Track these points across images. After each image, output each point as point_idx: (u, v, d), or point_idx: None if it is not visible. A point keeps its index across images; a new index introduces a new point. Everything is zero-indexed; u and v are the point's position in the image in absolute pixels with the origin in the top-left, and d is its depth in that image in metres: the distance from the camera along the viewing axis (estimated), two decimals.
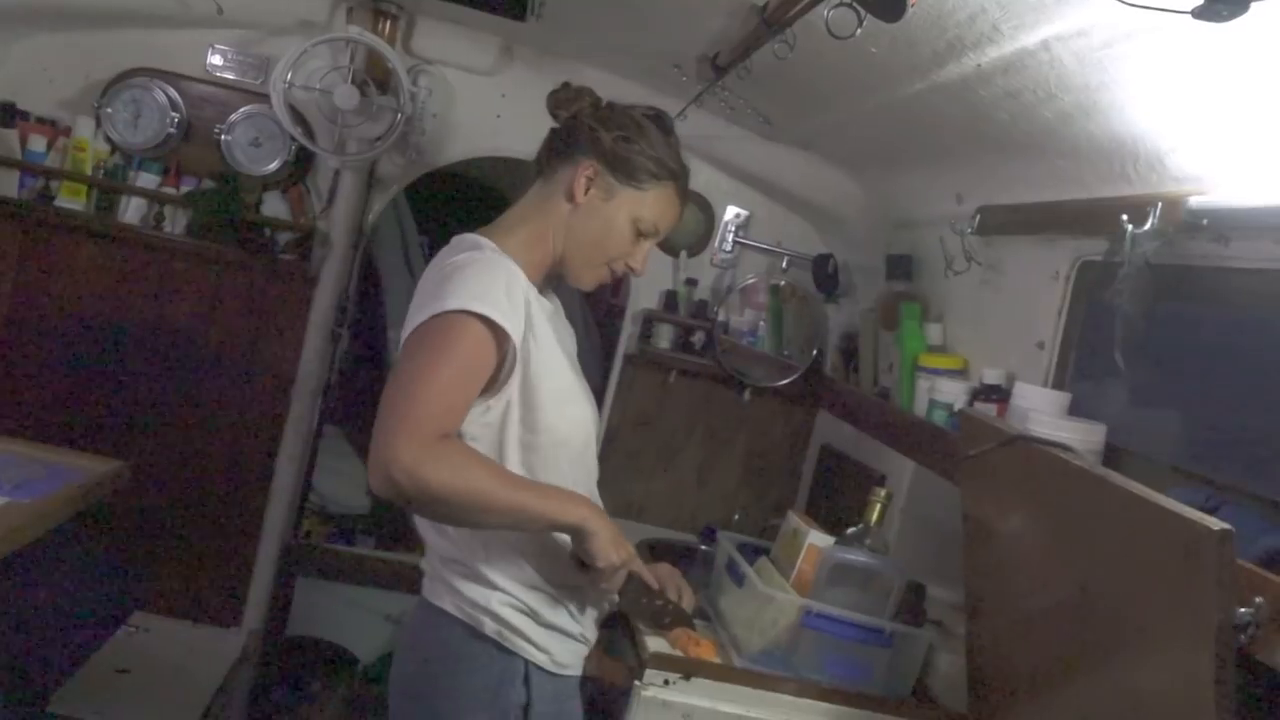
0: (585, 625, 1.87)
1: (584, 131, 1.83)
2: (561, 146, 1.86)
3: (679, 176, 1.87)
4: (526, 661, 1.78)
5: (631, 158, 1.81)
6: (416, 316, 1.62)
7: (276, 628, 3.61)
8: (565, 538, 1.73)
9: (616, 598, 1.81)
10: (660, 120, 1.89)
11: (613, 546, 1.68)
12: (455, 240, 1.82)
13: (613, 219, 1.82)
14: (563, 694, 1.86)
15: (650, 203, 1.83)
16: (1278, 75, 1.38)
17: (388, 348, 3.89)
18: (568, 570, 1.79)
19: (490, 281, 1.65)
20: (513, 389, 1.70)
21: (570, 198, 1.82)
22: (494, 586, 1.75)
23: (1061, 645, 1.65)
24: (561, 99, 1.89)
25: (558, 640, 1.82)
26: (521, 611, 1.76)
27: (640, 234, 1.84)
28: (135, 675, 2.98)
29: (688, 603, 1.97)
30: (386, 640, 4.07)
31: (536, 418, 1.74)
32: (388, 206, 3.61)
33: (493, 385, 1.68)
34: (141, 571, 3.05)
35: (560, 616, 1.81)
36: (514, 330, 1.64)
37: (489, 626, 1.75)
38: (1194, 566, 1.26)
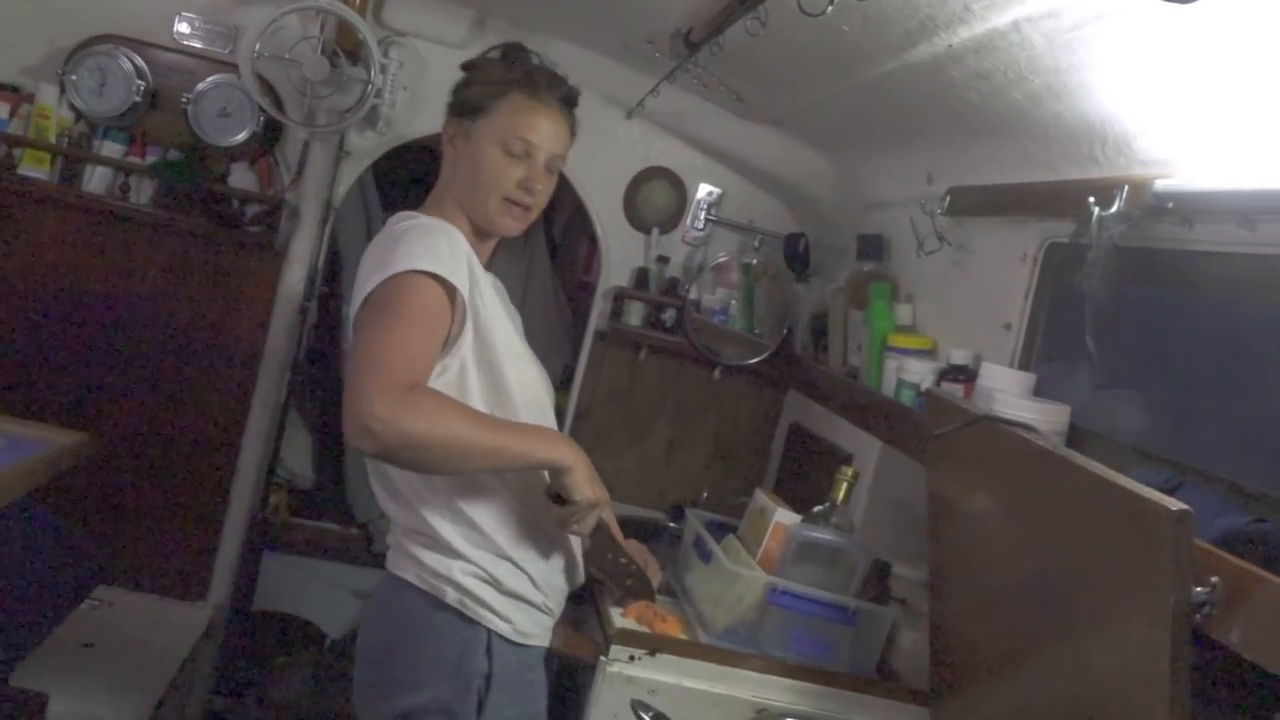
0: (549, 595, 1.88)
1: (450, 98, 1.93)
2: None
3: (523, 83, 1.88)
4: (489, 631, 1.79)
5: (471, 96, 1.88)
6: (366, 285, 1.66)
7: (243, 602, 3.59)
8: (526, 504, 1.77)
9: (584, 548, 1.82)
10: (506, 51, 1.96)
11: (589, 483, 1.72)
12: (392, 219, 1.87)
13: (479, 153, 1.86)
14: (526, 664, 1.87)
15: (501, 120, 1.86)
16: (1243, 60, 1.39)
17: (344, 318, 3.86)
18: (530, 535, 1.81)
19: (432, 242, 1.71)
20: (465, 346, 1.74)
21: (451, 163, 1.90)
22: (455, 555, 1.77)
23: (1022, 623, 1.67)
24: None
25: (520, 609, 1.83)
26: (483, 580, 1.78)
27: (511, 154, 1.85)
28: (99, 649, 2.96)
29: (654, 578, 1.98)
30: (353, 615, 4.07)
31: (498, 375, 1.78)
32: (352, 188, 3.58)
33: (447, 343, 1.72)
34: (106, 545, 3.02)
35: (522, 584, 1.82)
36: (460, 284, 1.69)
37: (450, 595, 1.77)
38: (1152, 546, 1.27)
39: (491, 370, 1.78)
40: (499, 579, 1.79)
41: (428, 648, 1.78)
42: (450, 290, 1.68)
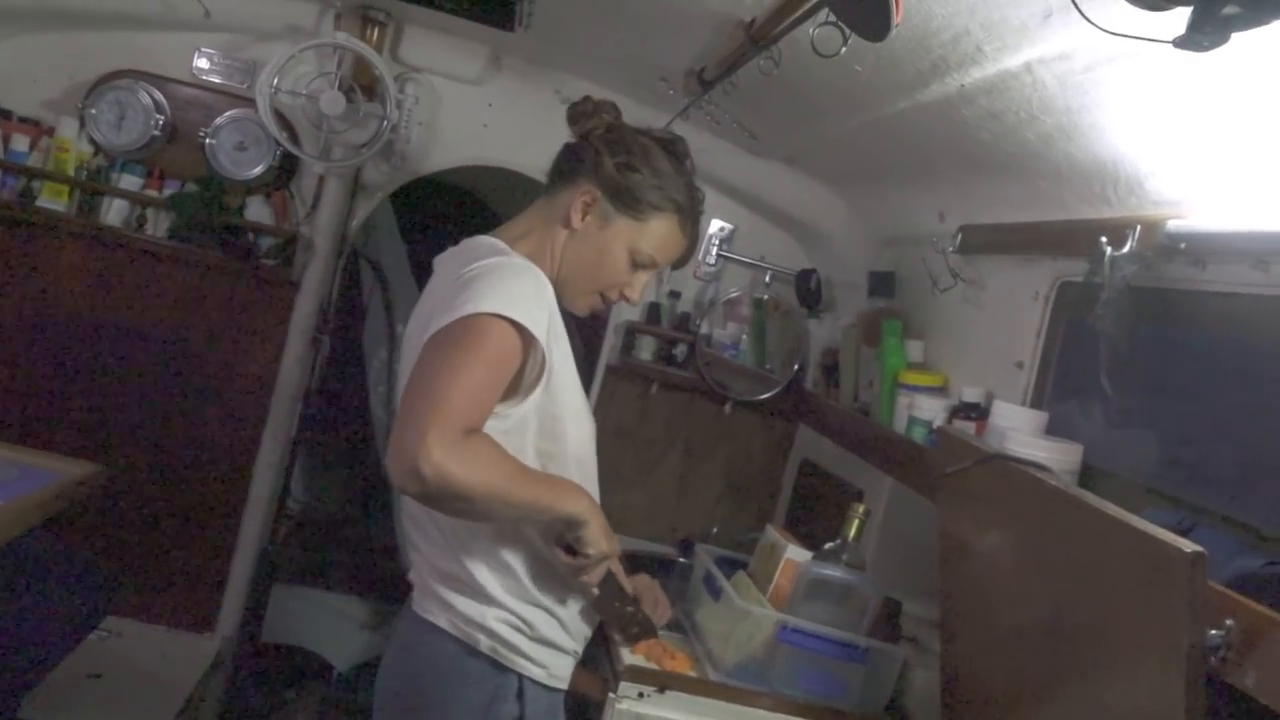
0: (577, 640, 1.87)
1: (589, 153, 1.81)
2: (566, 166, 1.84)
3: (684, 209, 1.83)
4: (520, 676, 1.77)
5: (632, 187, 1.78)
6: (443, 316, 1.58)
7: (251, 634, 3.59)
8: (551, 550, 1.73)
9: (595, 593, 1.81)
10: (671, 146, 1.85)
11: (603, 536, 1.69)
12: (470, 243, 1.80)
13: (608, 248, 1.80)
14: (555, 707, 1.85)
15: (649, 235, 1.80)
16: (1256, 103, 1.40)
17: (365, 350, 3.87)
18: (561, 583, 1.79)
19: (520, 287, 1.64)
20: (533, 399, 1.69)
21: (567, 223, 1.80)
22: (490, 601, 1.74)
23: (1035, 664, 1.66)
24: (578, 113, 1.87)
25: (553, 655, 1.81)
26: (516, 628, 1.75)
27: (636, 264, 1.82)
28: (107, 680, 2.95)
29: (664, 615, 1.97)
30: (362, 648, 4.06)
31: (558, 429, 1.74)
32: (387, 213, 3.60)
33: (514, 392, 1.66)
34: (115, 576, 3.02)
35: (555, 631, 1.80)
36: (540, 336, 1.62)
37: (484, 643, 1.74)
38: (1166, 588, 1.27)
39: (555, 426, 1.73)
40: (533, 625, 1.76)
41: (459, 694, 1.74)
42: (528, 341, 1.61)
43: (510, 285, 1.63)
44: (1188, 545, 1.24)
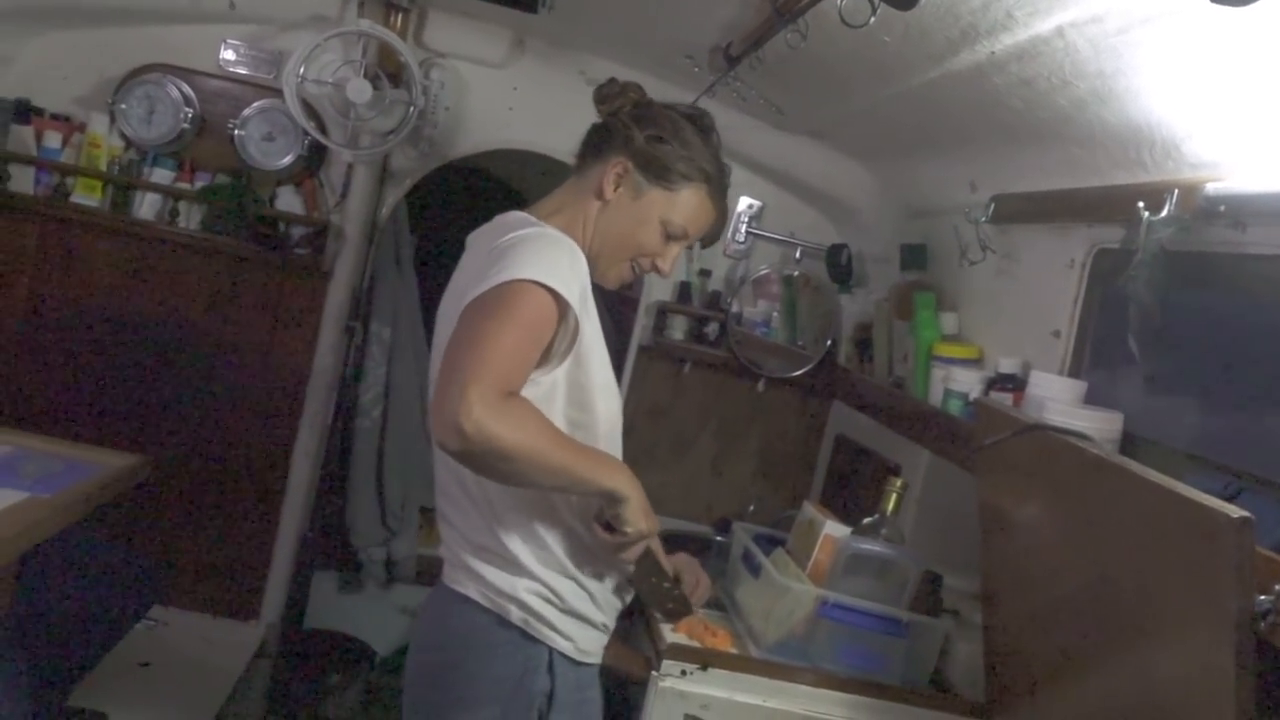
0: (608, 613, 1.88)
1: (619, 129, 1.84)
2: (596, 143, 1.87)
3: (712, 179, 1.85)
4: (551, 649, 1.78)
5: (662, 157, 1.81)
6: (480, 284, 1.60)
7: (294, 621, 3.63)
8: (584, 523, 1.75)
9: (631, 570, 1.81)
10: (698, 120, 1.87)
11: (643, 514, 1.70)
12: (503, 218, 1.82)
13: (641, 218, 1.82)
14: (585, 682, 1.86)
15: (680, 205, 1.83)
16: None
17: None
18: (592, 555, 1.80)
19: (556, 255, 1.65)
20: (563, 367, 1.71)
21: (599, 195, 1.82)
22: (522, 572, 1.75)
23: (1079, 634, 1.65)
24: (605, 94, 1.88)
25: (582, 628, 1.82)
26: (546, 599, 1.77)
27: (669, 236, 1.84)
28: (155, 668, 3.01)
29: (704, 591, 1.98)
30: (403, 633, 4.10)
31: (586, 398, 1.76)
32: (398, 200, 3.60)
33: (546, 359, 1.68)
34: (160, 565, 3.07)
35: (584, 604, 1.81)
36: (574, 304, 1.64)
37: (515, 614, 1.76)
38: (1213, 554, 1.25)
39: (584, 397, 1.75)
40: (563, 597, 1.78)
41: (489, 665, 1.76)
42: (563, 307, 1.63)
43: (546, 253, 1.65)
44: (1234, 510, 1.23)
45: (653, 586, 1.83)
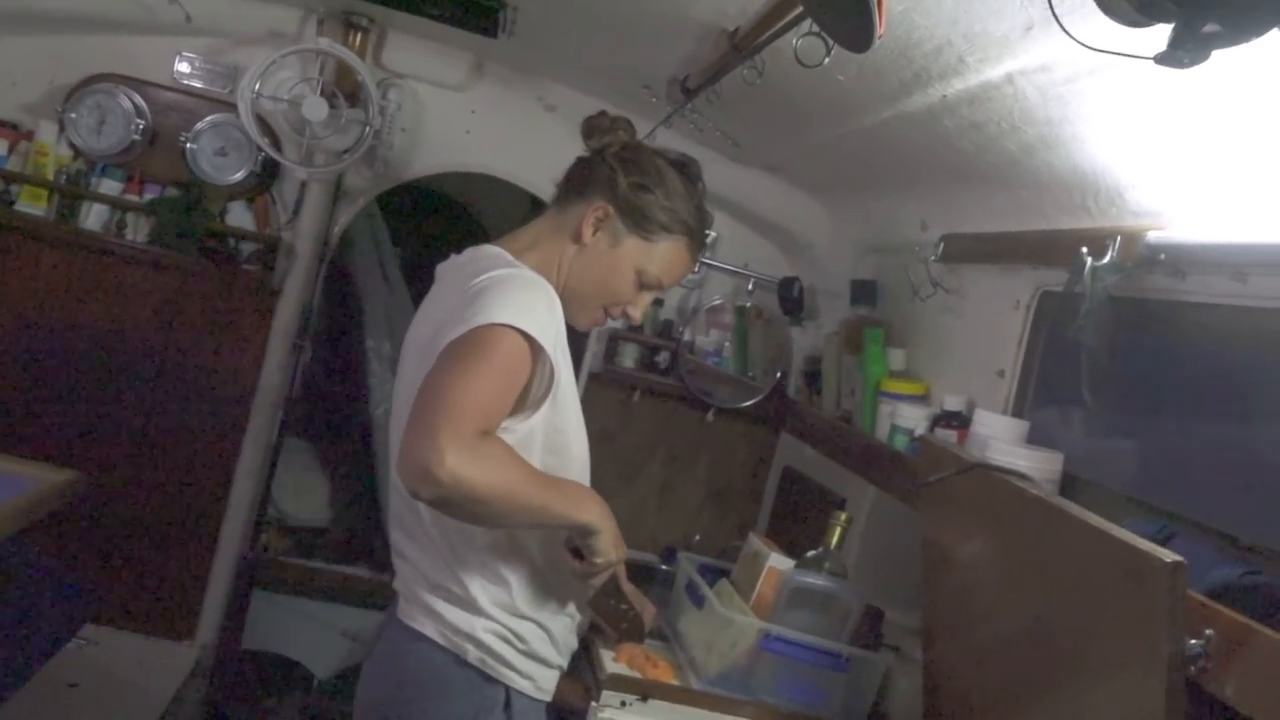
0: (564, 655, 1.87)
1: (603, 170, 1.81)
2: (579, 180, 1.85)
3: (694, 232, 1.84)
4: (508, 689, 1.76)
5: (644, 207, 1.79)
6: (455, 328, 1.57)
7: (231, 641, 3.56)
8: (548, 562, 1.75)
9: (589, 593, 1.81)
10: (685, 169, 1.86)
11: (613, 545, 1.71)
12: (476, 253, 1.80)
13: (616, 266, 1.81)
14: (540, 718, 1.85)
15: (658, 256, 1.81)
16: (1235, 116, 1.41)
17: (366, 357, 3.84)
18: (553, 597, 1.79)
19: (533, 300, 1.64)
20: (540, 414, 1.69)
21: (577, 237, 1.80)
22: (480, 612, 1.73)
23: (1016, 672, 1.67)
24: (594, 126, 1.87)
25: (539, 667, 1.81)
26: (505, 640, 1.74)
27: (642, 285, 1.83)
28: (85, 689, 2.93)
29: (649, 620, 1.97)
30: (343, 655, 4.03)
31: (562, 442, 1.74)
32: (362, 218, 3.59)
33: (521, 406, 1.65)
34: (93, 583, 3.00)
35: (544, 646, 1.80)
36: (550, 348, 1.63)
37: (472, 654, 1.73)
38: (1146, 597, 1.27)
39: (559, 440, 1.74)
40: (524, 638, 1.75)
41: (446, 704, 1.73)
42: (537, 351, 1.61)
43: (522, 297, 1.63)
44: (1168, 555, 1.24)
45: (611, 608, 1.82)
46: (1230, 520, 1.63)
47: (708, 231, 1.90)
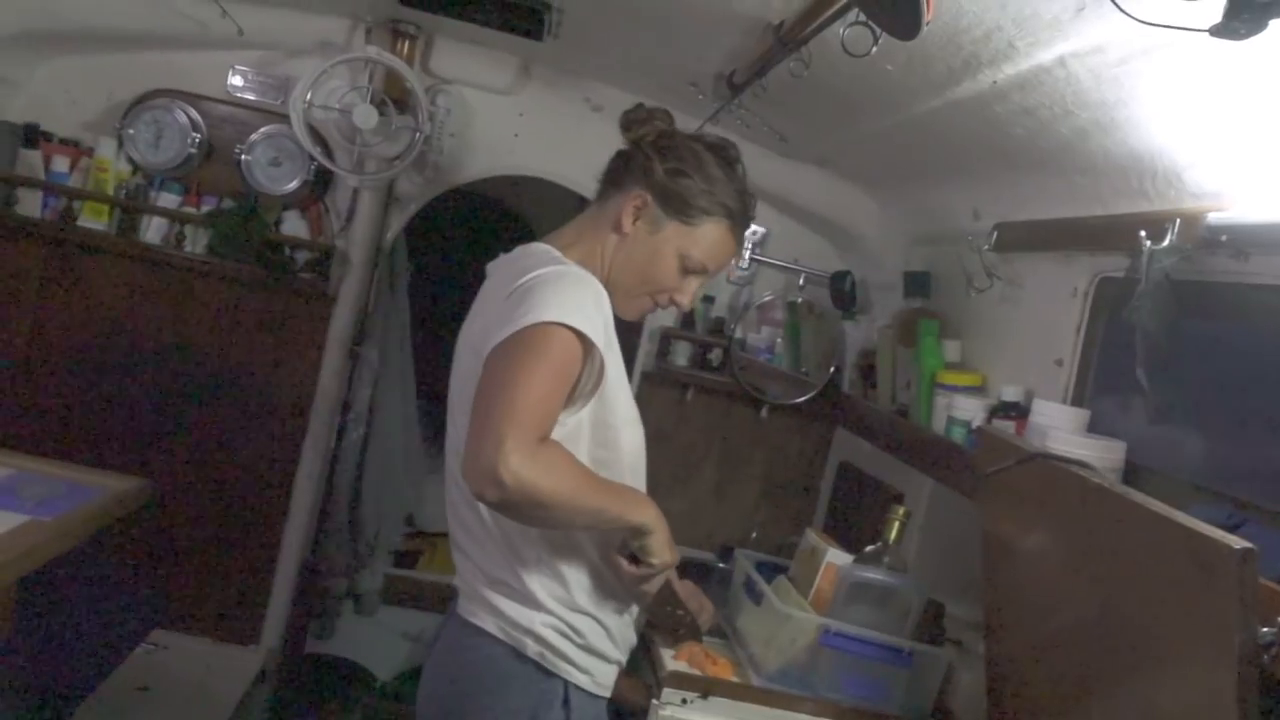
0: (622, 650, 1.87)
1: (639, 159, 1.81)
2: (617, 172, 1.85)
3: (735, 215, 1.82)
4: (566, 683, 1.77)
5: (682, 191, 1.78)
6: (506, 326, 1.59)
7: (295, 646, 3.61)
8: (604, 559, 1.75)
9: (643, 605, 1.81)
10: (723, 151, 1.85)
11: (667, 548, 1.71)
12: (524, 251, 1.81)
13: (658, 252, 1.80)
14: (600, 715, 1.85)
15: (699, 239, 1.80)
16: None
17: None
18: (611, 593, 1.79)
19: (580, 295, 1.65)
20: (588, 406, 1.70)
21: (617, 228, 1.80)
22: (538, 607, 1.74)
23: (1081, 664, 1.64)
24: (631, 119, 1.86)
25: (598, 663, 1.81)
26: (563, 634, 1.75)
27: (687, 270, 1.81)
28: (154, 693, 2.99)
29: (707, 619, 1.97)
30: (404, 658, 4.08)
31: (611, 436, 1.75)
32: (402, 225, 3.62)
33: (571, 400, 1.67)
34: (161, 589, 3.06)
35: (602, 641, 1.80)
36: (600, 343, 1.64)
37: (531, 648, 1.74)
38: (1216, 585, 1.24)
39: (609, 434, 1.74)
40: (582, 633, 1.76)
41: (505, 698, 1.74)
42: (589, 347, 1.62)
43: (570, 294, 1.64)
44: (1237, 541, 1.22)
45: (667, 614, 1.83)
46: None
47: (750, 215, 1.87)
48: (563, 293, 1.63)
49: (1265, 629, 1.25)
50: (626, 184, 1.81)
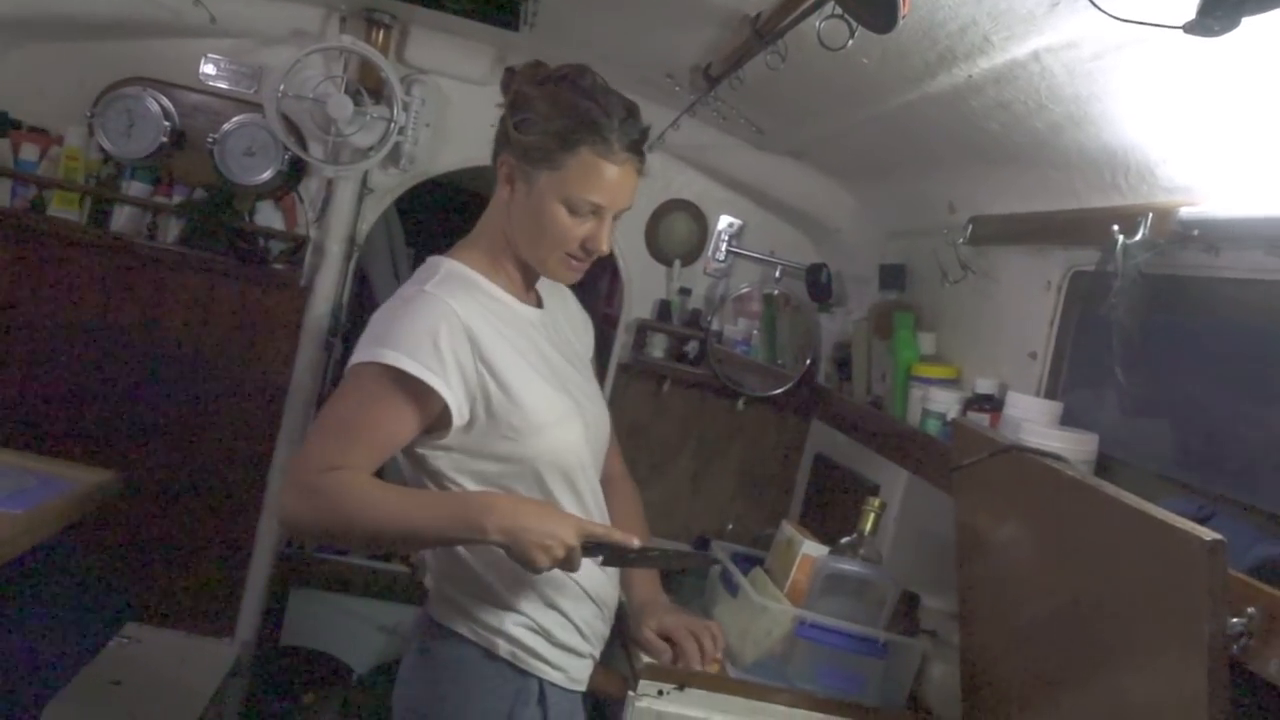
0: (594, 644, 1.87)
1: (500, 126, 1.79)
2: (495, 145, 1.81)
3: (590, 138, 1.68)
4: (541, 681, 1.77)
5: (534, 140, 1.70)
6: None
7: (270, 638, 3.60)
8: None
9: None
10: (562, 80, 1.74)
11: (539, 550, 1.53)
12: (424, 264, 1.80)
13: (541, 208, 1.72)
14: (575, 708, 1.86)
15: (571, 179, 1.69)
16: (1267, 87, 1.39)
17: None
18: (571, 584, 1.78)
19: (422, 333, 1.61)
20: (477, 425, 1.68)
21: (504, 204, 1.78)
22: (508, 608, 1.74)
23: (1054, 655, 1.65)
24: (503, 84, 1.84)
25: (570, 658, 1.81)
26: (535, 632, 1.75)
27: (578, 213, 1.71)
28: (128, 686, 2.97)
29: (719, 648, 1.95)
30: (380, 650, 4.06)
31: (512, 448, 1.71)
32: (379, 222, 3.60)
33: (441, 426, 1.67)
34: (134, 582, 3.03)
35: (571, 636, 1.80)
36: (443, 384, 1.61)
37: (503, 648, 1.74)
38: (1186, 577, 1.26)
39: (506, 446, 1.71)
40: (550, 631, 1.76)
41: (479, 699, 1.74)
42: (416, 384, 1.59)
43: (411, 331, 1.62)
44: (1207, 533, 1.23)
45: (641, 558, 1.79)
46: (1271, 498, 1.61)
47: (614, 119, 1.70)
48: (402, 329, 1.63)
49: (1235, 619, 1.27)
50: (497, 154, 1.79)
